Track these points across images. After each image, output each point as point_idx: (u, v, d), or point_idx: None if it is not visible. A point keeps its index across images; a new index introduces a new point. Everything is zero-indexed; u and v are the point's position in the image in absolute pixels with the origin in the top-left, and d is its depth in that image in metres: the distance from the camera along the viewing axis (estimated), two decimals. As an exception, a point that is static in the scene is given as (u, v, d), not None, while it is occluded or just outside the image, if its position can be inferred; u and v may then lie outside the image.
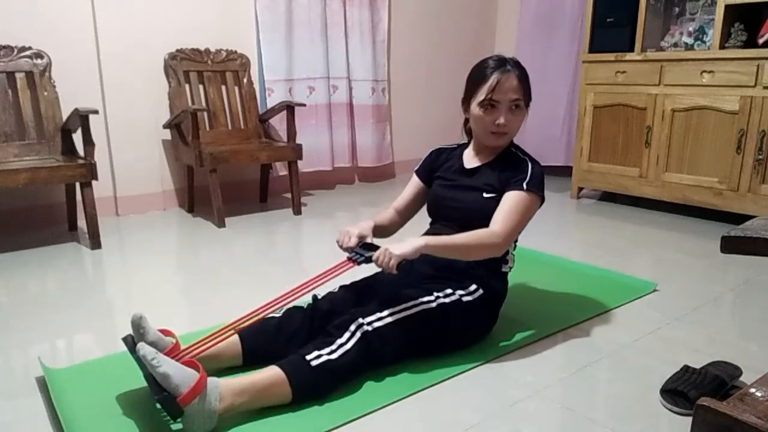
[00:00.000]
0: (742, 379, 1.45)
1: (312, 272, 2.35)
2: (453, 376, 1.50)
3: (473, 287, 1.61)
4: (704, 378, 1.40)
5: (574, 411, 1.37)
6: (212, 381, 1.26)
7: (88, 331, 1.82)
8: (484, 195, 1.65)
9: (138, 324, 1.37)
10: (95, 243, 2.62)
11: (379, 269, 1.49)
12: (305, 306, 1.60)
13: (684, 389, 1.36)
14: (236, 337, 1.49)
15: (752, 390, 0.83)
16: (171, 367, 1.20)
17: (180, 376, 1.20)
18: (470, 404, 1.39)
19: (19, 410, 1.38)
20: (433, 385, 1.46)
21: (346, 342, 1.40)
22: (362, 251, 1.54)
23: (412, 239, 1.48)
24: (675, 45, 3.22)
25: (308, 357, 1.35)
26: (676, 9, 3.32)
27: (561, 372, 1.54)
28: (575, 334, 1.76)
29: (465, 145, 1.85)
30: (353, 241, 1.57)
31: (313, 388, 1.35)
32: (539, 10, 4.33)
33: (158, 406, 1.31)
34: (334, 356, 1.37)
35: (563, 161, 4.26)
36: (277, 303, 1.45)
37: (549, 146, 4.40)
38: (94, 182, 2.58)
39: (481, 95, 1.65)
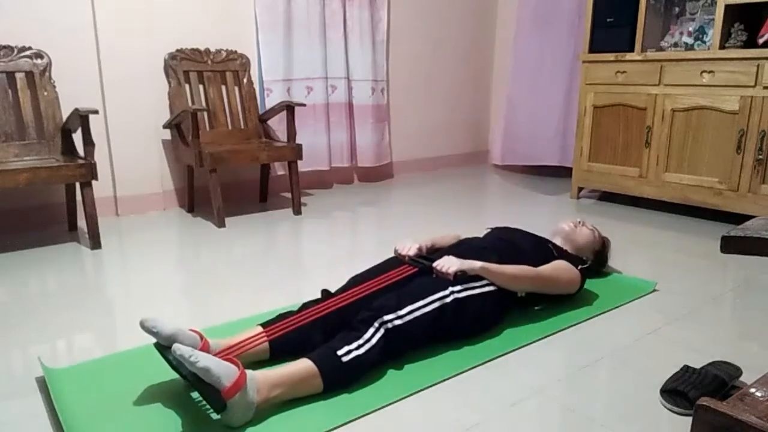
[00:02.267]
0: (742, 379, 1.45)
1: (313, 272, 2.37)
2: (453, 376, 1.50)
3: (486, 282, 1.70)
4: (704, 378, 1.40)
5: (574, 411, 1.37)
6: (250, 374, 1.30)
7: (88, 331, 1.82)
8: (549, 245, 2.00)
9: (147, 327, 1.38)
10: (95, 243, 2.62)
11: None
12: (317, 299, 1.68)
13: (684, 389, 1.37)
14: (261, 330, 1.53)
15: (752, 390, 0.83)
16: (210, 360, 1.23)
17: (220, 368, 1.23)
18: (470, 404, 1.39)
19: (19, 410, 1.38)
20: (433, 385, 1.46)
21: (371, 338, 1.46)
22: (421, 260, 1.76)
23: (472, 260, 1.69)
24: (675, 45, 3.22)
25: (339, 352, 1.41)
26: (676, 9, 3.32)
27: (561, 372, 1.54)
28: (575, 334, 1.76)
29: None
30: (413, 251, 1.80)
31: (343, 381, 1.42)
32: (536, 10, 4.33)
33: (200, 400, 1.35)
34: (361, 351, 1.43)
35: (557, 161, 4.26)
36: (335, 304, 1.57)
37: (543, 146, 4.41)
38: (94, 182, 2.58)
39: None
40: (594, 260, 2.12)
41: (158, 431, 1.27)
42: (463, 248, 1.86)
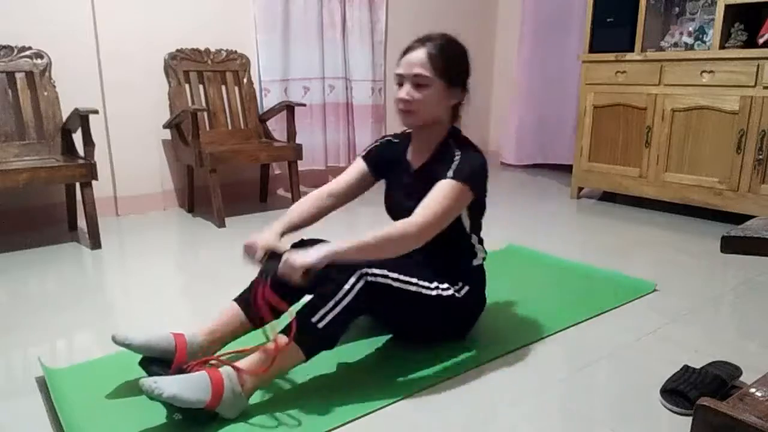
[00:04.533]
0: (742, 379, 1.45)
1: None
2: (453, 376, 1.50)
3: (460, 284, 1.60)
4: (704, 378, 1.40)
5: (574, 411, 1.37)
6: (226, 372, 1.28)
7: (88, 331, 1.82)
8: (416, 179, 1.60)
9: (119, 341, 1.38)
10: (95, 243, 2.62)
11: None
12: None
13: (684, 389, 1.36)
14: (238, 310, 1.52)
15: (752, 390, 0.83)
16: (175, 386, 1.20)
17: (190, 389, 1.21)
18: (470, 404, 1.39)
19: (19, 410, 1.38)
20: (432, 385, 1.46)
21: (351, 288, 1.35)
22: (272, 264, 1.40)
23: (320, 245, 1.39)
24: (675, 45, 3.22)
25: (314, 319, 1.33)
26: (676, 9, 3.32)
27: (561, 372, 1.54)
28: (575, 334, 1.76)
29: (409, 137, 1.70)
30: (259, 255, 1.49)
31: (323, 345, 1.38)
32: (547, 10, 4.35)
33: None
34: (338, 309, 1.34)
35: (570, 160, 4.27)
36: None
37: (558, 145, 4.42)
38: (94, 182, 2.58)
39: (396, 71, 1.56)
40: (445, 82, 1.52)
41: (158, 431, 1.27)
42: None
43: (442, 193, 1.46)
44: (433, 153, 1.60)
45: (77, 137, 2.71)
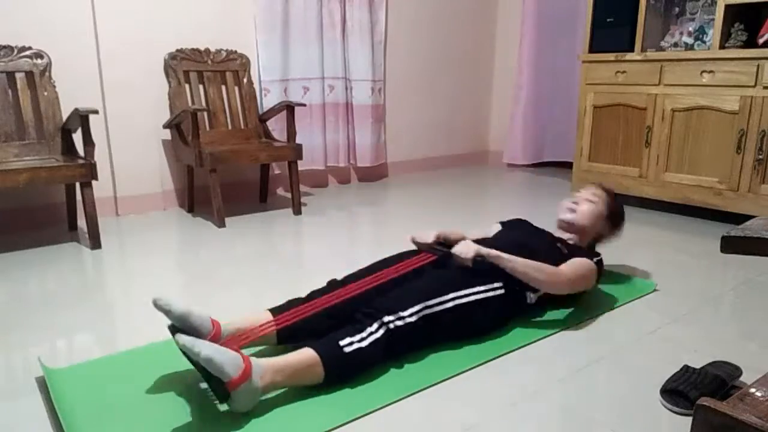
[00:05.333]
0: (742, 379, 1.45)
1: (313, 273, 2.37)
2: (453, 376, 1.50)
3: (497, 284, 1.69)
4: (704, 378, 1.40)
5: (574, 411, 1.37)
6: (254, 361, 1.31)
7: (88, 331, 1.82)
8: (558, 245, 1.93)
9: (159, 305, 1.40)
10: (95, 243, 2.62)
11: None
12: (323, 287, 1.69)
13: (684, 389, 1.36)
14: (270, 317, 1.56)
15: (752, 390, 0.83)
16: (212, 350, 1.24)
17: (224, 358, 1.24)
18: (470, 404, 1.39)
19: (19, 410, 1.38)
20: (433, 385, 1.46)
21: (375, 331, 1.47)
22: (440, 248, 1.78)
23: (489, 248, 1.70)
24: (675, 45, 3.22)
25: (341, 342, 1.42)
26: (676, 9, 3.32)
27: (561, 372, 1.54)
28: (575, 334, 1.76)
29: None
30: (431, 237, 1.84)
31: (344, 372, 1.43)
32: (547, 10, 4.35)
33: (200, 399, 1.36)
34: (364, 344, 1.44)
35: (572, 160, 4.28)
36: (344, 295, 1.59)
37: (559, 145, 4.43)
38: (94, 182, 2.58)
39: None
40: (610, 226, 2.10)
41: (158, 431, 1.27)
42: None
43: (585, 266, 1.83)
44: (577, 242, 2.05)
45: (77, 137, 2.71)
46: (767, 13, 2.89)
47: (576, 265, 1.82)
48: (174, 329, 1.42)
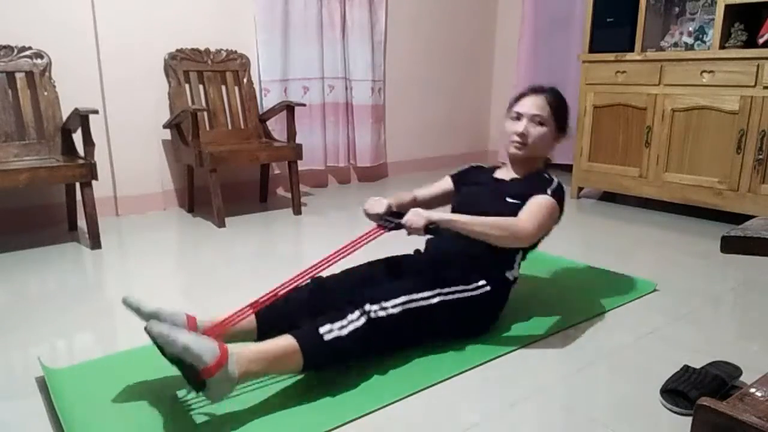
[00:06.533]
0: (742, 379, 1.45)
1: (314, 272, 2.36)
2: (453, 376, 1.50)
3: (481, 282, 1.65)
4: (704, 378, 1.40)
5: (574, 411, 1.37)
6: (230, 348, 1.28)
7: (88, 331, 1.82)
8: (507, 199, 1.73)
9: (129, 303, 1.41)
10: (95, 243, 2.62)
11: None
12: (309, 282, 1.65)
13: (684, 389, 1.37)
14: (252, 316, 1.54)
15: (752, 390, 0.83)
16: (188, 338, 1.22)
17: (200, 346, 1.22)
18: (470, 404, 1.39)
19: (19, 410, 1.38)
20: (433, 385, 1.46)
21: (356, 320, 1.44)
22: (391, 218, 1.63)
23: (439, 212, 1.59)
24: (675, 45, 3.22)
25: (321, 330, 1.40)
26: (676, 9, 3.32)
27: (561, 372, 1.54)
28: (575, 334, 1.76)
29: (502, 165, 1.96)
30: (383, 207, 1.68)
31: (323, 360, 1.40)
32: (547, 10, 4.35)
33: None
34: (344, 332, 1.41)
35: (570, 160, 4.28)
36: (305, 275, 1.54)
37: (558, 145, 4.42)
38: (94, 182, 2.58)
39: (510, 110, 1.83)
40: (561, 136, 1.84)
41: (158, 431, 1.27)
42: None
43: (543, 207, 1.66)
44: (526, 175, 1.82)
45: (77, 137, 2.71)
46: (767, 13, 2.89)
47: (534, 209, 1.64)
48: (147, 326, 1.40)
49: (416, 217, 1.55)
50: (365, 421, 1.32)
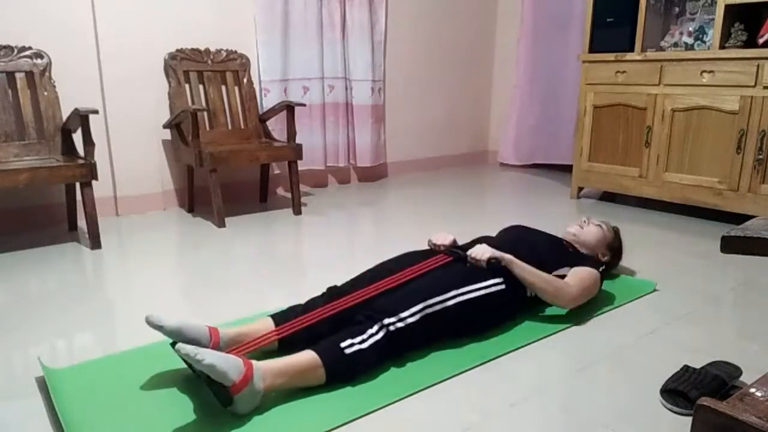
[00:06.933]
0: (742, 379, 1.45)
1: (313, 273, 2.37)
2: (453, 376, 1.50)
3: (497, 280, 1.71)
4: (704, 378, 1.40)
5: (574, 411, 1.37)
6: (255, 364, 1.32)
7: (88, 331, 1.82)
8: (563, 242, 1.99)
9: (152, 322, 1.41)
10: (95, 243, 2.62)
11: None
12: (323, 294, 1.68)
13: (684, 389, 1.37)
14: (272, 324, 1.56)
15: (752, 390, 0.83)
16: (214, 357, 1.26)
17: (226, 364, 1.26)
18: (470, 404, 1.39)
19: (19, 410, 1.38)
20: (433, 384, 1.46)
21: (375, 333, 1.49)
22: (456, 250, 1.84)
23: (503, 252, 1.75)
24: (675, 45, 3.22)
25: (342, 344, 1.44)
26: (676, 9, 3.32)
27: (561, 372, 1.54)
28: (575, 334, 1.76)
29: None
30: (449, 240, 1.89)
31: (345, 373, 1.44)
32: (546, 10, 4.35)
33: (200, 400, 1.38)
34: (365, 345, 1.46)
35: (570, 160, 4.28)
36: (345, 304, 1.58)
37: (558, 146, 4.43)
38: (94, 182, 2.58)
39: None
40: (611, 256, 2.13)
41: (158, 431, 1.27)
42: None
43: (589, 277, 1.85)
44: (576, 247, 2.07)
45: (77, 137, 2.71)
46: (767, 13, 2.89)
47: (582, 276, 1.83)
48: (173, 344, 1.42)
49: (481, 250, 1.74)
50: (365, 421, 1.32)
